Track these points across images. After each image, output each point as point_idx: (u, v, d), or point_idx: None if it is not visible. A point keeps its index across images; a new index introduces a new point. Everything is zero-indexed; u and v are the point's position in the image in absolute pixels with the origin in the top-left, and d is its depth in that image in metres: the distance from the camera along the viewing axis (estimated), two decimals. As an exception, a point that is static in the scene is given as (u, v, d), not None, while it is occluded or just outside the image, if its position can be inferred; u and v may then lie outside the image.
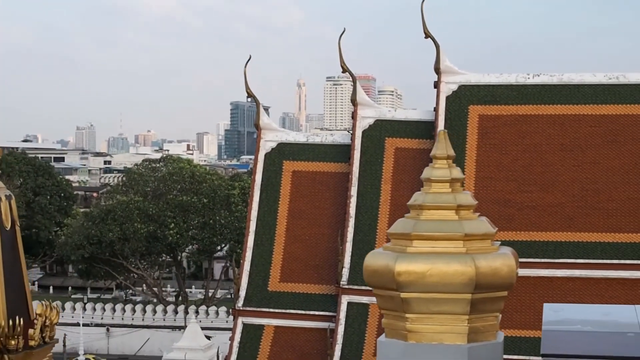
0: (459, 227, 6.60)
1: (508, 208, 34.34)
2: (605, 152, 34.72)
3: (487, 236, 6.70)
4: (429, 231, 6.60)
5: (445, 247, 6.52)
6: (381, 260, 6.54)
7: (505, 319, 31.38)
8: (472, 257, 6.42)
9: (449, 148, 7.02)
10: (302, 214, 35.79)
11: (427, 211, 6.77)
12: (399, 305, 6.52)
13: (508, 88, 35.88)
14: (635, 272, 32.72)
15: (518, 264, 6.76)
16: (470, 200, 6.90)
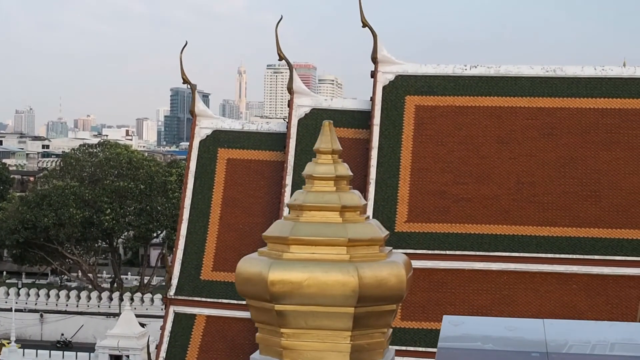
0: (342, 231, 5.78)
1: (444, 200, 33.77)
2: (542, 144, 34.27)
3: (375, 242, 5.89)
4: (308, 235, 5.78)
5: (326, 254, 5.70)
6: (254, 267, 5.73)
7: (439, 312, 31.13)
8: (356, 266, 5.63)
9: (334, 141, 6.17)
10: (237, 202, 34.94)
11: (307, 212, 5.95)
12: (273, 319, 5.70)
13: (445, 79, 35.27)
14: (570, 267, 32.31)
15: (410, 273, 5.98)
16: (356, 201, 6.07)
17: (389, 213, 33.34)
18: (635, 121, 34.14)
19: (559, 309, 31.80)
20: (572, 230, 32.82)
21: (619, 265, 31.74)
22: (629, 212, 32.55)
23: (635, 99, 34.43)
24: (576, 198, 33.35)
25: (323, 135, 6.18)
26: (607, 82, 34.80)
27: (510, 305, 32.05)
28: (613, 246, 32.26)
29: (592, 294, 32.01)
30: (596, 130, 34.24)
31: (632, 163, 33.54)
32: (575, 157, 33.93)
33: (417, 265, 32.87)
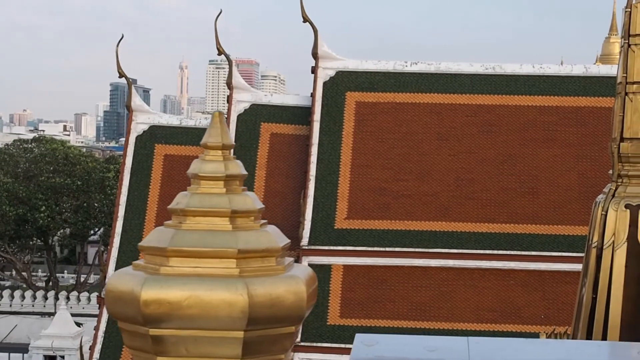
0: (232, 240, 4.74)
1: (384, 197, 32.95)
2: (481, 141, 33.62)
3: (271, 253, 4.83)
4: (191, 245, 4.73)
5: (212, 268, 4.66)
6: (125, 284, 4.63)
7: (379, 309, 30.28)
8: (246, 282, 4.59)
9: (225, 134, 5.07)
10: (173, 199, 33.67)
11: (191, 218, 4.90)
12: (148, 345, 4.65)
13: (386, 75, 34.44)
14: (508, 263, 31.69)
15: (313, 288, 4.99)
16: (250, 205, 5.04)
17: (329, 210, 32.45)
18: (572, 119, 33.65)
19: (497, 304, 31.21)
20: (510, 227, 32.22)
21: (556, 261, 31.21)
22: (565, 209, 32.02)
23: (573, 97, 33.94)
24: (514, 195, 32.78)
25: (212, 127, 5.08)
26: (545, 80, 34.27)
27: (450, 301, 31.40)
28: (550, 242, 31.74)
29: (529, 289, 31.48)
30: (534, 127, 33.70)
31: (569, 160, 33.04)
32: (513, 154, 33.34)
33: (357, 262, 32.32)
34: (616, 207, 10.87)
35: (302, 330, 30.50)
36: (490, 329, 30.74)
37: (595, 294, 10.99)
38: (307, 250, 31.65)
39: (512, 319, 30.98)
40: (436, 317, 31.09)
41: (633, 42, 10.89)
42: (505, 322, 30.92)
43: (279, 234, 5.03)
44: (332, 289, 31.47)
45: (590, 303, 11.07)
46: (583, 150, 33.04)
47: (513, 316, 31.07)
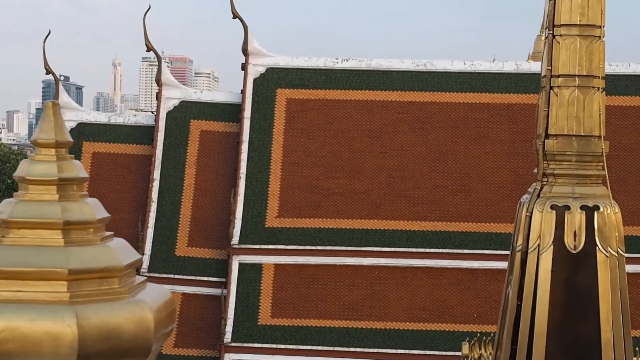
0: (62, 258, 3.76)
1: (315, 195, 32.10)
2: (412, 139, 32.92)
3: (112, 273, 3.85)
4: (12, 264, 3.74)
5: (36, 292, 3.71)
6: None
7: (310, 308, 29.33)
8: (76, 310, 3.65)
9: (59, 129, 4.04)
10: (102, 198, 31.64)
11: (15, 231, 3.89)
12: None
13: (317, 72, 33.57)
14: (440, 261, 31.06)
15: (166, 314, 4.04)
16: (89, 214, 4.05)
17: (260, 208, 31.52)
18: (504, 116, 33.12)
19: (429, 303, 30.59)
20: (442, 225, 31.60)
21: (488, 259, 30.66)
22: (497, 206, 31.47)
23: (504, 94, 33.42)
24: (446, 192, 32.16)
25: (44, 120, 4.04)
26: (476, 77, 33.71)
27: (382, 300, 30.69)
28: (482, 240, 31.20)
29: (461, 288, 30.90)
30: (466, 124, 33.10)
31: (500, 157, 32.50)
32: (445, 151, 32.70)
33: (288, 261, 31.40)
34: (541, 208, 10.09)
35: (232, 331, 29.59)
36: (423, 328, 30.12)
37: (520, 300, 10.20)
38: (237, 250, 30.70)
39: (444, 318, 30.38)
40: (368, 317, 30.35)
41: (558, 32, 10.10)
42: (438, 321, 30.33)
43: (125, 249, 4.08)
44: (263, 289, 30.56)
45: (515, 310, 10.29)
46: (515, 147, 32.52)
47: (446, 315, 30.47)
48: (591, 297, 10.10)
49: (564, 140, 10.07)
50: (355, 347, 29.72)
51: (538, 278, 10.11)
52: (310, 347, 29.68)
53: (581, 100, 9.99)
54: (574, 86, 10.02)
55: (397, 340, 29.80)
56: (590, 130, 10.03)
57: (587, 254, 10.10)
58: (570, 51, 10.01)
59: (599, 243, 10.08)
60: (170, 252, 31.32)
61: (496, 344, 10.89)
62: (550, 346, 10.06)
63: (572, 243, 10.09)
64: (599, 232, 10.09)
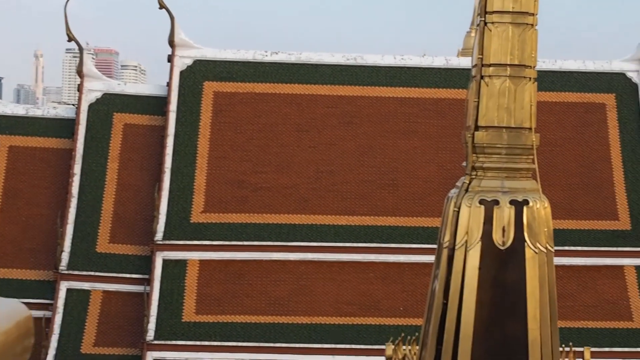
0: None
1: (242, 189, 31.46)
2: (341, 133, 32.47)
3: None
4: None
5: None
6: None
7: (236, 304, 28.69)
8: None
9: None
10: (19, 193, 31.33)
11: None
12: None
13: (245, 65, 32.88)
14: (368, 255, 30.73)
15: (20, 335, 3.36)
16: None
17: (185, 203, 30.77)
18: (433, 110, 32.88)
19: (356, 297, 30.25)
20: (370, 219, 31.24)
21: (415, 253, 30.43)
22: (424, 201, 31.22)
23: (433, 89, 33.18)
24: (374, 187, 31.80)
25: None
26: (406, 71, 33.40)
27: (308, 295, 30.24)
28: (409, 234, 30.94)
29: (388, 282, 30.62)
30: (395, 119, 32.78)
31: (428, 152, 32.27)
32: (374, 146, 32.33)
33: (214, 257, 30.67)
34: (470, 202, 9.63)
35: (155, 329, 28.84)
36: (349, 322, 29.78)
37: (446, 299, 9.73)
38: (161, 246, 29.92)
39: (371, 312, 30.07)
40: (295, 312, 29.89)
41: (490, 20, 9.64)
42: (365, 315, 30.00)
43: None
44: (188, 285, 29.86)
45: (441, 309, 9.81)
46: (443, 142, 32.32)
47: (372, 309, 30.16)
48: (519, 294, 9.67)
49: (494, 132, 9.62)
50: (282, 342, 29.24)
51: (465, 276, 9.65)
52: (235, 343, 29.11)
53: (512, 90, 9.55)
54: (505, 76, 9.58)
55: (323, 335, 29.40)
56: (521, 122, 9.61)
57: (516, 250, 9.67)
58: (502, 39, 9.56)
59: (528, 239, 9.66)
60: (91, 249, 30.39)
61: (421, 344, 10.41)
62: (476, 346, 9.61)
63: (500, 239, 9.65)
64: (528, 228, 9.67)
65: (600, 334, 29.52)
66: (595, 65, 33.69)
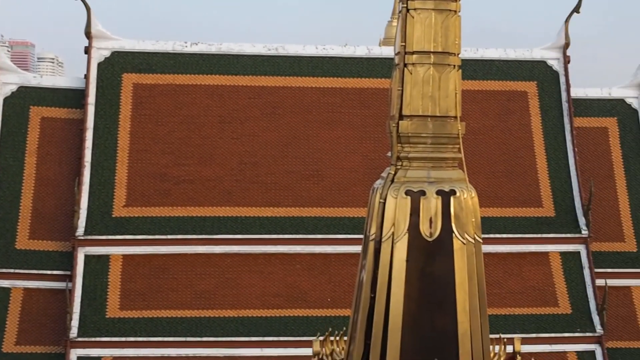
0: None
1: (164, 182, 30.90)
2: (264, 124, 32.10)
3: None
4: None
5: None
6: None
7: (161, 299, 28.21)
8: None
9: None
10: None
11: None
12: None
13: (165, 56, 32.26)
14: (294, 247, 30.49)
15: None
16: None
17: (106, 198, 30.12)
18: (355, 100, 32.73)
19: (282, 289, 30.01)
20: (295, 210, 30.99)
21: (341, 243, 30.31)
22: (349, 191, 31.09)
23: (356, 79, 33.02)
24: (298, 178, 31.55)
25: None
26: (328, 61, 33.18)
27: (234, 288, 29.89)
28: (335, 225, 30.77)
29: (314, 273, 30.44)
30: (318, 109, 32.54)
31: (352, 142, 32.12)
32: (297, 137, 32.06)
33: (137, 251, 29.97)
34: (395, 194, 9.39)
35: (78, 325, 28.23)
36: (276, 314, 29.54)
37: (373, 292, 9.49)
38: (82, 241, 29.26)
39: (298, 304, 29.86)
40: (221, 305, 29.52)
41: (412, 6, 9.39)
42: (292, 307, 29.79)
43: None
44: (111, 281, 29.26)
45: (368, 303, 9.57)
46: (367, 132, 32.21)
47: (299, 300, 29.95)
48: (448, 287, 9.48)
49: (418, 121, 9.39)
50: (208, 336, 28.85)
51: (392, 268, 9.43)
52: (161, 338, 28.61)
53: (437, 78, 9.33)
54: (429, 64, 9.35)
55: (250, 328, 29.09)
56: (446, 110, 9.40)
57: (444, 242, 9.48)
58: (425, 26, 9.33)
59: (456, 230, 9.48)
60: (10, 246, 29.55)
61: (349, 338, 10.17)
62: (405, 340, 9.40)
63: (427, 230, 9.44)
64: (456, 218, 9.48)
65: (527, 320, 29.77)
66: (516, 54, 33.90)
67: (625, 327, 30.69)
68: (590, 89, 34.48)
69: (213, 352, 28.84)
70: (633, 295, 31.34)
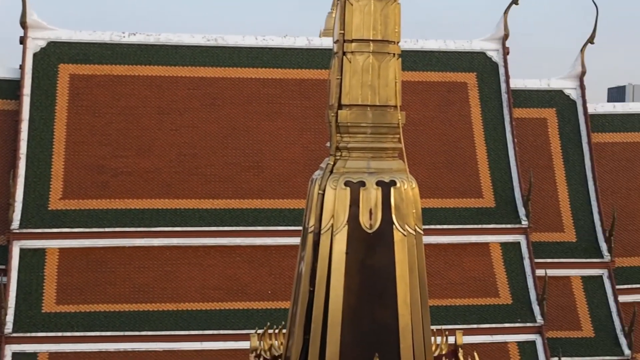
0: None
1: (102, 174, 30.35)
2: (204, 115, 31.70)
3: None
4: None
5: None
6: None
7: (99, 293, 27.63)
8: None
9: None
10: None
11: None
12: None
13: (102, 47, 31.67)
14: (234, 239, 30.19)
15: None
16: None
17: (42, 190, 29.48)
18: (295, 91, 32.48)
19: (222, 282, 29.69)
20: (235, 202, 30.67)
21: (281, 235, 30.07)
22: (290, 182, 30.85)
23: (296, 70, 32.76)
24: (239, 169, 31.23)
25: None
26: (268, 52, 32.87)
27: (174, 281, 29.48)
28: (275, 217, 30.52)
29: (255, 265, 30.15)
30: (258, 100, 32.23)
31: (292, 133, 31.88)
32: (237, 128, 31.72)
33: (74, 244, 29.35)
34: (335, 184, 9.16)
35: (13, 321, 27.60)
36: (216, 307, 29.20)
37: (312, 286, 9.25)
38: (18, 234, 28.63)
39: (238, 296, 29.57)
40: (160, 299, 29.10)
41: (350, -7, 9.17)
42: (232, 300, 29.51)
43: None
44: (47, 275, 28.67)
45: (307, 297, 9.34)
46: (307, 123, 32.00)
47: (240, 293, 29.66)
48: (388, 279, 9.28)
49: (358, 110, 9.17)
50: (147, 330, 28.43)
51: (332, 261, 9.20)
52: (99, 333, 28.11)
53: (376, 67, 9.11)
54: (368, 52, 9.13)
55: (189, 321, 28.73)
56: (386, 99, 9.18)
57: (384, 234, 9.27)
58: (364, 14, 9.10)
59: (396, 221, 9.28)
60: (-57, 240, 28.86)
61: (288, 333, 9.93)
62: (345, 335, 9.18)
63: (367, 222, 9.23)
64: (396, 210, 9.28)
65: (468, 310, 29.83)
66: (456, 45, 33.93)
67: (565, 317, 30.93)
68: (529, 80, 34.67)
69: (152, 346, 28.41)
70: (572, 285, 31.60)
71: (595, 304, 31.28)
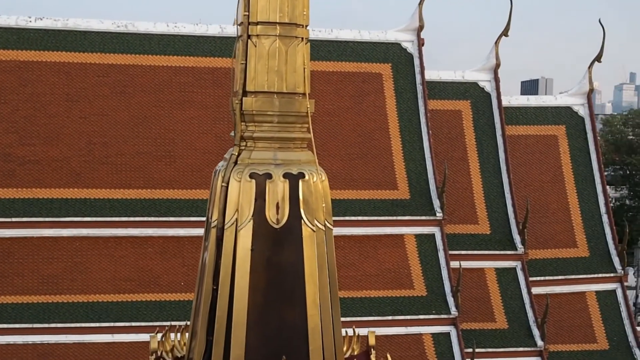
0: None
1: (8, 163, 29.20)
2: (114, 103, 30.70)
3: None
4: None
5: None
6: None
7: (6, 284, 26.40)
8: None
9: None
10: None
11: None
12: None
13: (7, 31, 30.40)
14: (146, 230, 29.36)
15: None
16: None
17: (-56, 179, 28.20)
18: (208, 80, 31.68)
19: (134, 273, 28.84)
20: (146, 192, 29.79)
21: (194, 226, 29.32)
22: (202, 172, 30.10)
23: (208, 58, 31.95)
24: (150, 158, 30.33)
25: None
26: (180, 39, 31.97)
27: (84, 272, 28.53)
28: (188, 207, 29.76)
29: (167, 256, 29.37)
30: (169, 88, 31.35)
31: (205, 122, 31.09)
32: (148, 116, 30.80)
33: (-22, 235, 28.36)
34: (239, 176, 8.53)
35: None
36: (128, 299, 28.38)
37: (216, 285, 8.61)
38: None
39: (150, 288, 28.79)
40: (69, 290, 28.15)
41: (257, -28, 8.54)
42: (144, 292, 28.71)
43: None
44: (-49, 266, 27.45)
45: (210, 296, 8.69)
46: (220, 112, 31.26)
47: (152, 285, 28.87)
48: (297, 277, 8.68)
49: (264, 98, 8.54)
50: (57, 322, 27.48)
51: (236, 258, 8.57)
52: (6, 325, 27.11)
53: (283, 52, 8.49)
54: (274, 35, 8.50)
55: (100, 314, 27.85)
56: (294, 86, 8.56)
57: (292, 229, 8.66)
58: (270, -6, 8.47)
59: (305, 216, 8.68)
60: None
61: (190, 333, 9.27)
62: (251, 336, 8.56)
63: (274, 217, 8.61)
64: (305, 204, 8.68)
65: (383, 302, 29.54)
66: (370, 35, 33.51)
67: (480, 309, 30.86)
68: (443, 72, 34.48)
69: (62, 339, 27.51)
70: (486, 277, 31.55)
71: (508, 296, 31.29)
